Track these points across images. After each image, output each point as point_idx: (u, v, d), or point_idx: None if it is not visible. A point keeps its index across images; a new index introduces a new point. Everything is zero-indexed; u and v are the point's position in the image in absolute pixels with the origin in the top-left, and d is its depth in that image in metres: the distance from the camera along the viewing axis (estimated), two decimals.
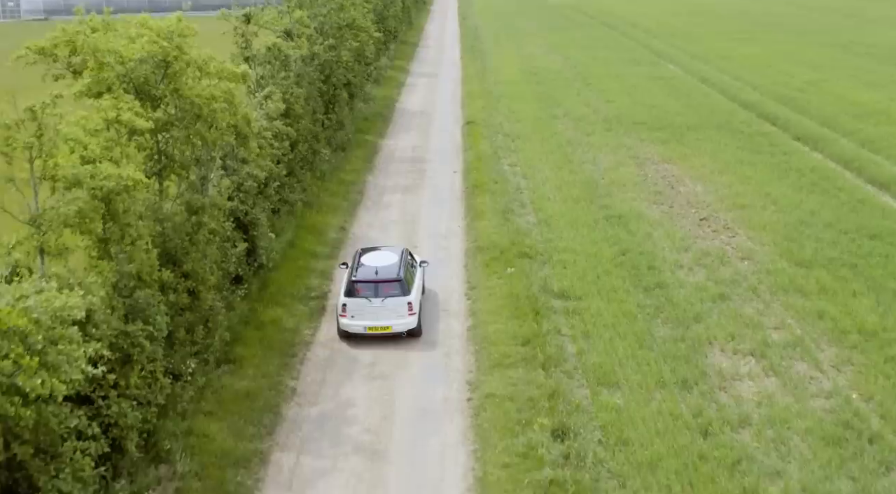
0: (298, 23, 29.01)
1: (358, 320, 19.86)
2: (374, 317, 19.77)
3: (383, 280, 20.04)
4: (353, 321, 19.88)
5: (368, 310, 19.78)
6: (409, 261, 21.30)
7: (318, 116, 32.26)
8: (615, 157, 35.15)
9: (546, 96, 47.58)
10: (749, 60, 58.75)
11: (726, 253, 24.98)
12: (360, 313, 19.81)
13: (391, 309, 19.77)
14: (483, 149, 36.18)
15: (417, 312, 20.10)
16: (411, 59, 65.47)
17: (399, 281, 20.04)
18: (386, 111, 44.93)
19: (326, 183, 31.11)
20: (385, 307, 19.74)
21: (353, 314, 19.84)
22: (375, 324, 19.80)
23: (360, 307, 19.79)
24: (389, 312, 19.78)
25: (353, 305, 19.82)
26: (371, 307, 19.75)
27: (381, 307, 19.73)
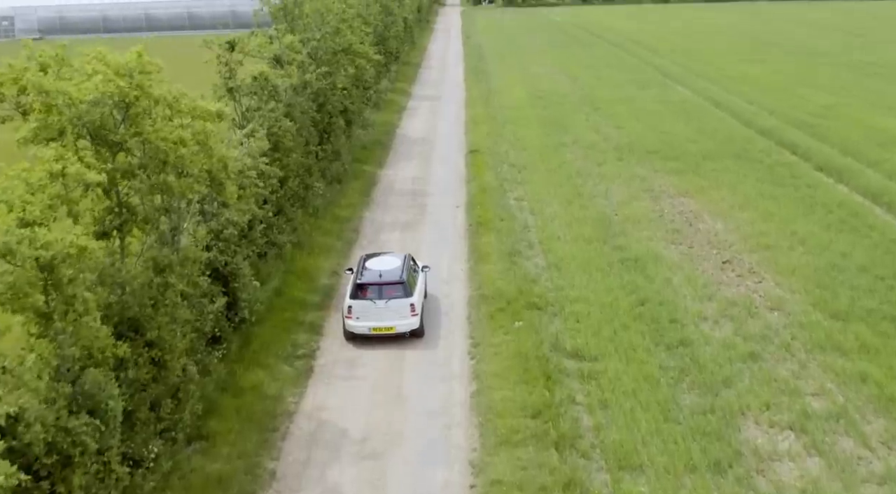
0: (289, 48, 26.99)
1: (363, 321, 20.73)
2: (379, 318, 20.67)
3: (387, 282, 20.98)
4: (359, 322, 20.74)
5: (373, 312, 20.69)
6: (411, 266, 22.25)
7: (312, 148, 30.24)
8: (628, 190, 33.05)
9: (553, 121, 45.55)
10: (761, 82, 56.73)
11: (754, 303, 22.81)
12: (365, 314, 20.71)
13: (395, 310, 20.71)
14: (487, 181, 34.11)
15: (420, 313, 21.02)
16: (413, 80, 63.56)
17: (402, 284, 20.98)
18: (385, 138, 42.91)
19: (320, 220, 29.06)
20: (389, 308, 20.68)
21: (358, 315, 20.73)
22: (380, 325, 20.69)
23: (365, 309, 20.72)
24: (393, 313, 20.71)
25: (359, 307, 20.73)
26: (375, 308, 20.67)
27: (385, 308, 20.66)
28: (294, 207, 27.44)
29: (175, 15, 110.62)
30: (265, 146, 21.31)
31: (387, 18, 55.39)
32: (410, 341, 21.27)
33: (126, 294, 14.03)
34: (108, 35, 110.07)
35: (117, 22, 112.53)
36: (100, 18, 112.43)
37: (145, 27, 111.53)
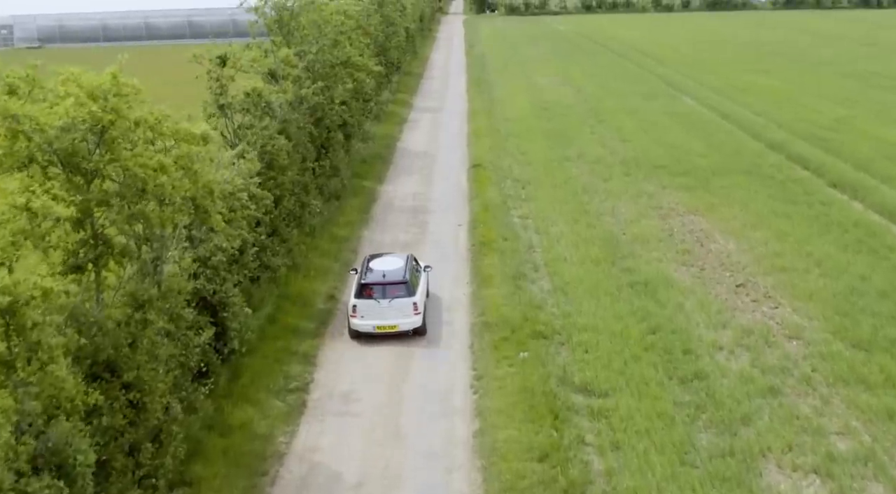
0: (284, 62, 25.94)
1: (367, 320, 21.43)
2: (382, 317, 21.31)
3: (390, 282, 21.65)
4: (363, 321, 21.46)
5: (377, 310, 21.35)
6: (413, 266, 22.86)
7: (309, 165, 29.18)
8: (636, 208, 31.96)
9: (558, 134, 44.48)
10: (769, 94, 55.67)
11: (771, 331, 21.68)
12: (370, 313, 21.40)
13: (398, 309, 21.32)
14: (490, 198, 33.04)
15: (422, 312, 21.62)
16: (415, 91, 62.55)
17: (405, 284, 21.62)
18: (386, 152, 41.87)
19: (316, 240, 28.00)
20: (392, 307, 21.30)
21: (362, 314, 21.43)
22: (383, 323, 21.35)
23: (370, 307, 21.39)
24: (396, 312, 21.31)
25: (363, 306, 21.42)
26: (379, 307, 21.34)
27: (389, 307, 21.30)
28: (289, 227, 26.36)
29: (175, 24, 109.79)
30: (256, 168, 20.23)
31: (388, 29, 54.40)
32: (409, 369, 20.22)
33: (99, 334, 12.94)
34: (108, 44, 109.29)
35: (117, 30, 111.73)
36: (99, 27, 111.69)
37: (145, 36, 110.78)
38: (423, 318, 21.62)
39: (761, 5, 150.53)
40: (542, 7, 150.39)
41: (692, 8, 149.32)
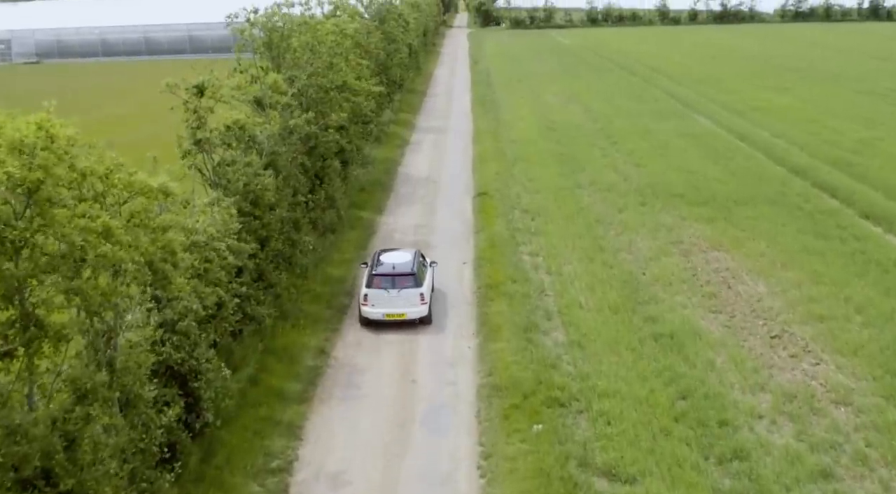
0: (272, 89, 23.62)
1: (377, 308, 23.12)
2: (391, 306, 22.96)
3: (399, 274, 23.37)
4: (374, 309, 23.18)
5: (386, 300, 22.99)
6: (420, 261, 24.63)
7: (301, 198, 26.85)
8: (655, 243, 29.57)
9: (568, 158, 42.13)
10: (788, 113, 53.29)
11: (815, 394, 19.27)
12: (380, 302, 23.06)
13: (405, 298, 22.99)
14: (497, 232, 30.67)
15: (428, 302, 23.31)
16: (418, 110, 60.27)
17: (413, 275, 23.34)
18: (386, 178, 39.53)
19: (308, 281, 25.63)
20: (400, 297, 22.99)
21: (373, 303, 23.12)
22: (392, 311, 22.99)
23: (380, 297, 23.05)
24: (404, 301, 22.99)
25: (374, 295, 23.12)
26: (388, 297, 22.98)
27: (397, 297, 22.99)
28: (278, 270, 24.01)
29: (175, 38, 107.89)
30: (233, 222, 17.88)
31: (389, 46, 52.14)
32: (409, 442, 17.84)
33: (24, 442, 10.57)
34: (107, 59, 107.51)
35: (116, 46, 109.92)
36: (98, 42, 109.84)
37: (145, 51, 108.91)
38: (428, 308, 23.31)
39: (769, 17, 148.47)
40: (548, 20, 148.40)
41: (699, 20, 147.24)
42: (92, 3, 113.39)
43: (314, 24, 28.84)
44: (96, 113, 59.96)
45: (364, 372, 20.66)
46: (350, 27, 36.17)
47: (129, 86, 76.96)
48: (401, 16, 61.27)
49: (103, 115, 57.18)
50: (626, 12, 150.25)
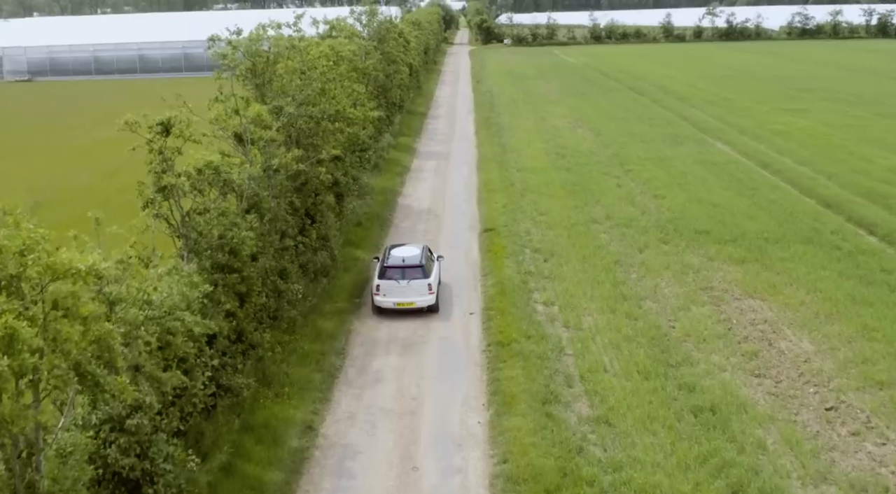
0: (255, 123, 20.74)
1: (389, 297, 24.79)
2: (402, 295, 24.62)
3: (409, 266, 24.93)
4: (385, 298, 24.83)
5: (397, 290, 24.63)
6: (428, 255, 26.24)
7: (289, 242, 23.96)
8: (682, 288, 26.67)
9: (580, 189, 39.25)
10: (810, 138, 50.50)
11: (887, 487, 16.31)
12: (391, 292, 24.71)
13: (415, 288, 24.59)
14: (507, 276, 27.73)
15: (436, 292, 24.96)
16: (419, 133, 57.45)
17: (421, 267, 24.94)
18: (385, 211, 36.63)
19: (296, 338, 22.69)
20: (410, 287, 24.56)
21: (384, 293, 24.77)
22: (402, 300, 24.66)
23: (391, 287, 24.67)
24: (413, 291, 24.60)
25: (385, 285, 24.73)
26: (399, 287, 24.59)
27: (407, 287, 24.56)
28: (261, 328, 21.09)
29: (170, 56, 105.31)
30: (195, 293, 14.97)
31: (389, 67, 49.37)
32: None
33: None
34: (100, 77, 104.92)
35: (110, 64, 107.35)
36: (91, 60, 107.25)
37: (139, 69, 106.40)
38: (436, 297, 25.02)
39: (775, 34, 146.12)
40: (550, 37, 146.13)
41: (704, 38, 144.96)
42: (85, 21, 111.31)
43: (305, 47, 25.98)
44: (81, 136, 57.32)
45: (357, 455, 17.69)
46: (346, 49, 33.36)
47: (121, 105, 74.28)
48: (401, 35, 58.58)
49: (89, 139, 54.50)
50: (629, 29, 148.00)
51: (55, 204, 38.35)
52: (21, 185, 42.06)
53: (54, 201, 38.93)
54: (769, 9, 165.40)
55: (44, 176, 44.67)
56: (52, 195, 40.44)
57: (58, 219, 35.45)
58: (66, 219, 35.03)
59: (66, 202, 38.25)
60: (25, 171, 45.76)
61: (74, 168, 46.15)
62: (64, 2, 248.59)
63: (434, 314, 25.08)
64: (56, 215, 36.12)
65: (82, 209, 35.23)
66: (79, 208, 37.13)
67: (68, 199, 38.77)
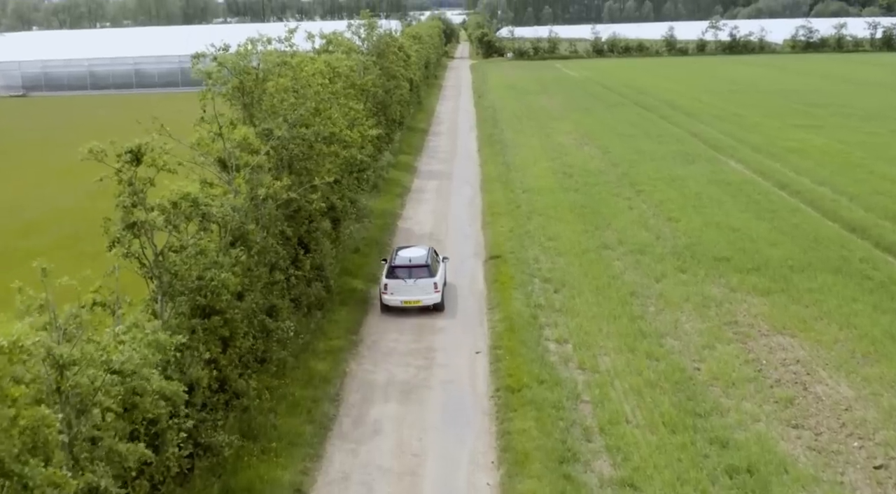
0: (241, 147, 18.79)
1: (396, 296, 25.69)
2: (409, 293, 25.58)
3: (415, 265, 25.95)
4: (393, 297, 25.76)
5: (404, 288, 25.57)
6: (434, 256, 27.21)
7: (279, 275, 21.99)
8: (704, 323, 24.68)
9: (589, 211, 37.28)
10: (826, 156, 48.52)
11: None
12: (398, 290, 25.65)
13: (421, 287, 25.56)
14: (516, 310, 25.73)
15: (441, 291, 25.87)
16: (420, 151, 55.53)
17: (427, 267, 25.93)
18: (384, 236, 34.64)
19: (286, 382, 20.69)
20: (416, 286, 25.55)
21: (392, 291, 25.73)
22: (409, 298, 25.62)
23: (398, 286, 25.62)
24: (419, 290, 25.56)
25: (393, 284, 25.72)
26: (406, 286, 25.55)
27: (414, 286, 25.54)
28: (246, 373, 19.10)
29: (166, 71, 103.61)
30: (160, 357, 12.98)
31: (388, 83, 47.48)
32: None
33: None
34: (96, 92, 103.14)
35: (105, 78, 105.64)
36: (87, 75, 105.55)
37: (135, 84, 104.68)
38: (441, 296, 25.97)
39: (779, 48, 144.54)
40: (552, 51, 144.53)
41: (708, 51, 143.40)
42: (81, 35, 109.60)
43: (298, 63, 24.05)
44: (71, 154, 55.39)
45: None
46: (343, 64, 31.46)
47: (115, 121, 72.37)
48: (401, 49, 56.74)
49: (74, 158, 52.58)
50: (632, 43, 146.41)
51: (42, 225, 36.54)
52: (7, 206, 40.23)
53: (41, 223, 37.13)
54: (773, 22, 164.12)
55: (32, 195, 42.82)
56: (38, 215, 38.63)
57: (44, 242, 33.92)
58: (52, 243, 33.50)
59: (54, 223, 36.44)
60: (13, 191, 43.88)
61: (62, 187, 44.22)
62: (63, 16, 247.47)
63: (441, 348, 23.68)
64: (43, 239, 34.52)
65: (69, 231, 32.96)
66: (65, 230, 35.23)
67: (55, 220, 36.95)
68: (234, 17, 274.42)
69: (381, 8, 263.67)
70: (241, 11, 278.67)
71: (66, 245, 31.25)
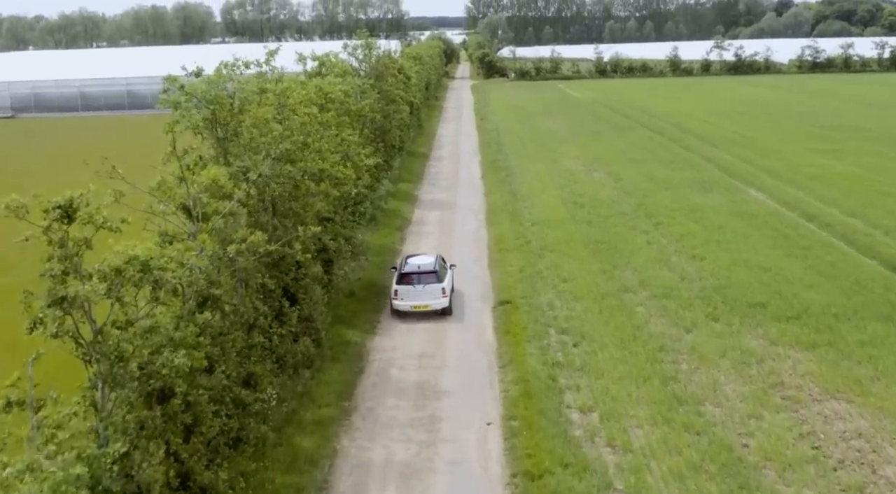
0: (211, 189, 15.78)
1: (406, 301, 27.09)
2: (418, 298, 26.99)
3: (424, 272, 27.42)
4: (403, 301, 27.16)
5: (413, 294, 27.02)
6: (441, 263, 28.58)
7: (258, 338, 18.95)
8: (747, 386, 21.61)
9: (605, 247, 34.24)
10: (852, 184, 45.56)
11: None
12: (408, 295, 27.05)
13: (429, 292, 26.98)
14: (531, 369, 22.64)
15: (449, 296, 27.27)
16: (420, 178, 52.53)
17: (435, 273, 27.38)
18: (381, 277, 31.51)
19: (265, 465, 17.54)
20: (425, 291, 26.98)
21: (402, 297, 27.15)
22: (418, 303, 27.00)
23: (408, 291, 27.07)
24: (428, 295, 26.98)
25: (403, 290, 27.17)
26: (415, 291, 27.02)
27: (423, 291, 26.99)
28: (216, 461, 16.01)
29: (159, 92, 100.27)
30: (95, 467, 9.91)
31: (387, 107, 44.56)
32: None
33: None
34: (87, 113, 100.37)
35: (97, 99, 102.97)
36: (77, 96, 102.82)
37: (127, 105, 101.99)
38: (449, 301, 26.98)
39: (785, 68, 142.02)
40: (554, 71, 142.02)
41: (712, 71, 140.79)
42: (73, 55, 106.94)
43: (283, 90, 21.07)
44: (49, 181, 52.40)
45: None
46: (337, 89, 28.53)
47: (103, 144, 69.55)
48: (401, 70, 53.88)
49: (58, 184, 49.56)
50: (635, 63, 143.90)
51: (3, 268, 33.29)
52: None
53: (3, 263, 33.89)
54: (778, 41, 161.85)
55: None
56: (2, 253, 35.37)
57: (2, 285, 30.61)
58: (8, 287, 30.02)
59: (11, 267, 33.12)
60: None
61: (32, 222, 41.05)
62: (58, 35, 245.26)
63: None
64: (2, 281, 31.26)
65: (31, 275, 28.40)
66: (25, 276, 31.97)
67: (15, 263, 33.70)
68: (233, 36, 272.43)
69: (380, 28, 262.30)
70: (239, 31, 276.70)
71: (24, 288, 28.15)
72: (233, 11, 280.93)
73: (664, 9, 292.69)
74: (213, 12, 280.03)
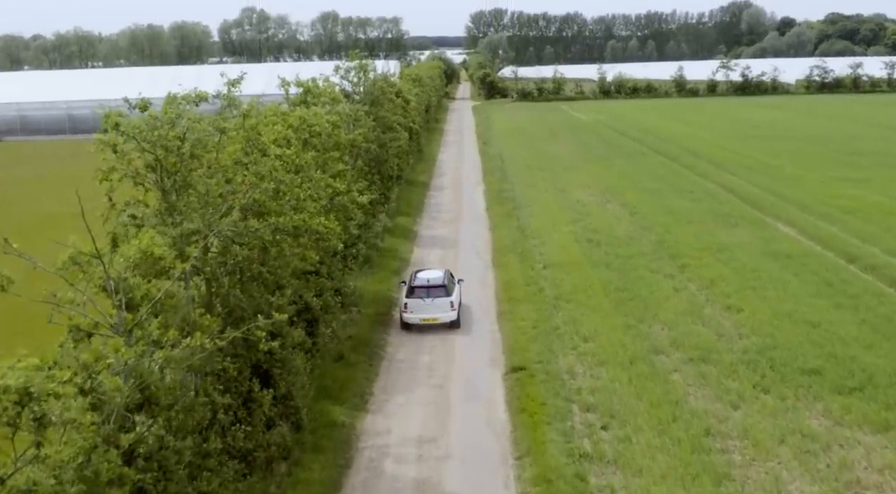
0: (142, 265, 11.98)
1: (415, 314, 27.88)
2: (427, 311, 27.78)
3: (433, 285, 28.22)
4: (412, 315, 27.92)
5: (422, 307, 27.80)
6: (450, 278, 29.31)
7: (214, 443, 15.06)
8: (816, 485, 17.81)
9: (628, 296, 30.38)
10: (889, 217, 41.77)
11: None
12: (417, 309, 27.85)
13: (438, 305, 27.72)
14: (553, 464, 18.71)
15: (457, 309, 28.03)
16: (420, 210, 48.70)
17: (444, 287, 28.21)
18: (374, 336, 27.65)
19: None
20: (434, 304, 27.72)
21: (412, 310, 27.90)
22: (427, 316, 27.83)
23: (417, 305, 27.85)
24: (437, 308, 27.72)
25: (412, 303, 27.92)
26: (424, 304, 27.80)
27: (431, 304, 27.74)
28: None
29: None
30: None
31: (384, 135, 40.83)
32: None
33: None
34: (75, 136, 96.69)
35: (86, 121, 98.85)
36: (65, 118, 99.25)
37: None
38: (457, 314, 27.98)
39: (792, 88, 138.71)
40: (556, 92, 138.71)
41: (719, 92, 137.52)
42: (58, 76, 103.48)
43: (252, 126, 17.31)
44: (27, 213, 48.68)
45: None
46: (323, 121, 24.80)
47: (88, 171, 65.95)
48: (399, 95, 50.16)
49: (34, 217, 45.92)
50: (640, 83, 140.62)
51: None
52: None
53: None
54: (785, 61, 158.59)
55: None
56: None
57: None
58: None
59: None
60: None
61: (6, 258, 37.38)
62: (53, 55, 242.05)
63: None
64: None
65: None
66: None
67: None
68: (231, 56, 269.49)
69: (380, 47, 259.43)
70: (237, 51, 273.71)
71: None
72: (230, 31, 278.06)
73: (666, 28, 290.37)
74: (211, 32, 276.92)
